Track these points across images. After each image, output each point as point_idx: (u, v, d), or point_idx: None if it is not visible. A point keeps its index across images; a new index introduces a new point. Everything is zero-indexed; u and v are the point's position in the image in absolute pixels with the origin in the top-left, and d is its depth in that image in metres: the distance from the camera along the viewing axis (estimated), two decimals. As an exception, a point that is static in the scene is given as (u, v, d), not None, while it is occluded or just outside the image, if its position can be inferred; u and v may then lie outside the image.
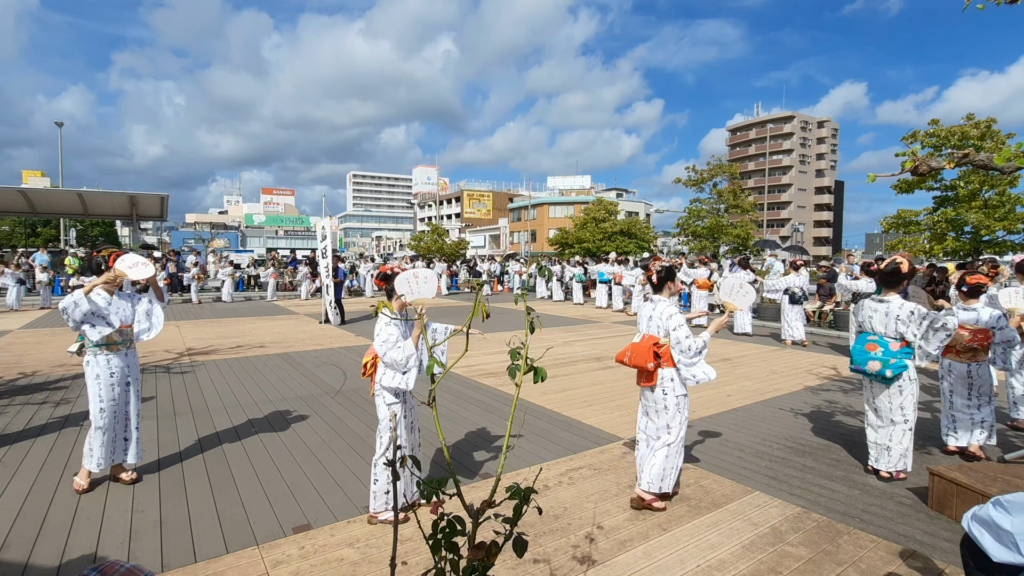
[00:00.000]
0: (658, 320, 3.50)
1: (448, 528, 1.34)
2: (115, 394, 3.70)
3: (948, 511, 3.37)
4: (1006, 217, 15.89)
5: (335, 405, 5.78)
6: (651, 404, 3.52)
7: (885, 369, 3.71)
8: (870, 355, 3.81)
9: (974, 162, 3.66)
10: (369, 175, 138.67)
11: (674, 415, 3.44)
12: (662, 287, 3.62)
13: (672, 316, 3.44)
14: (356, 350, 9.15)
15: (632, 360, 3.50)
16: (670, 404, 3.44)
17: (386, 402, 3.23)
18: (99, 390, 3.65)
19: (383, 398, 3.24)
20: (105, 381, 3.66)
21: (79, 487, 3.62)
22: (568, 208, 54.22)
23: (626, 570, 2.76)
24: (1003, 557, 1.57)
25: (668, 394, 3.44)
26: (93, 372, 3.65)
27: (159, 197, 21.34)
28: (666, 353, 3.44)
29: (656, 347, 3.43)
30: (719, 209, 27.21)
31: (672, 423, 3.45)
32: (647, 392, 3.54)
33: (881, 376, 3.76)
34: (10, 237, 36.98)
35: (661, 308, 3.52)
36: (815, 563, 2.84)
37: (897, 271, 3.85)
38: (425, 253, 28.61)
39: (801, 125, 76.25)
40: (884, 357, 3.74)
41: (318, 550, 2.93)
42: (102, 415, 3.64)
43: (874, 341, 3.84)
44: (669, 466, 3.41)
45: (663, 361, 3.43)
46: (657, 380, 3.45)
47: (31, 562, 2.80)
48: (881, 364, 3.73)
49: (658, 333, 3.49)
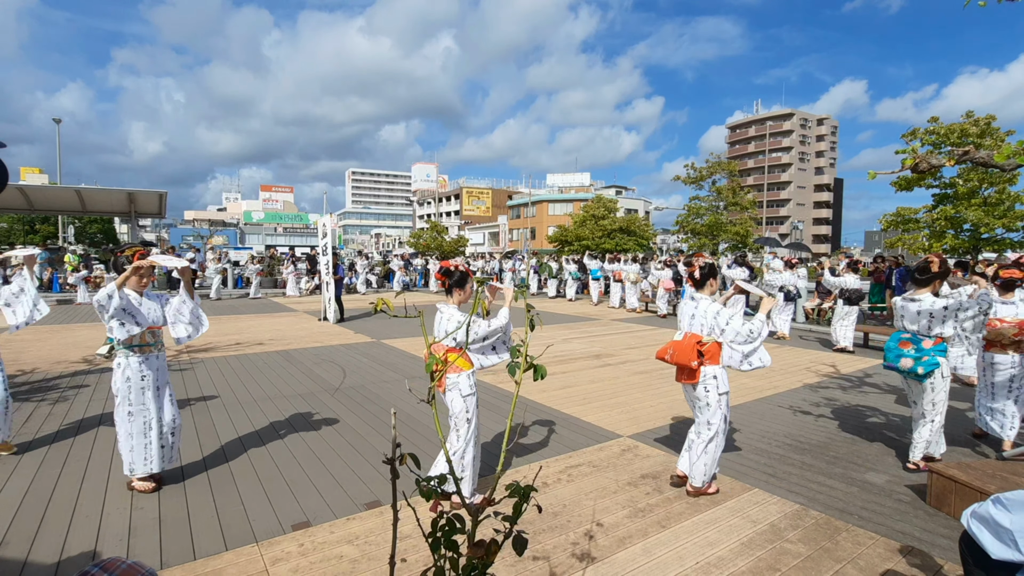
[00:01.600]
0: (701, 318, 3.56)
1: (448, 526, 1.34)
2: (144, 399, 3.58)
3: (947, 508, 3.38)
4: (1005, 215, 15.90)
5: (334, 402, 5.78)
6: (693, 401, 3.63)
7: (917, 366, 3.79)
8: (903, 352, 3.88)
9: (974, 159, 3.66)
10: (368, 172, 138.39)
11: (715, 411, 3.52)
12: (704, 284, 3.67)
13: (719, 313, 3.50)
14: (355, 348, 9.15)
15: (674, 357, 3.57)
16: (711, 401, 3.52)
17: (462, 394, 3.30)
18: (128, 393, 3.54)
19: (458, 390, 3.29)
20: (136, 384, 3.55)
21: (145, 488, 3.55)
22: (567, 205, 54.18)
23: (625, 567, 2.76)
24: (1002, 554, 1.58)
25: (710, 391, 3.52)
26: (123, 375, 3.53)
27: (158, 194, 21.28)
28: (708, 351, 3.51)
29: (699, 345, 3.50)
30: (718, 207, 27.21)
31: (713, 419, 3.53)
32: (688, 388, 3.65)
33: (914, 373, 3.83)
34: (8, 234, 36.90)
35: (704, 306, 3.57)
36: (814, 560, 2.84)
37: (927, 269, 3.92)
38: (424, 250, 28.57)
39: (801, 122, 76.21)
40: (916, 355, 3.82)
41: (317, 547, 2.93)
42: (130, 419, 3.53)
43: (907, 339, 3.92)
44: (709, 460, 3.54)
45: (706, 359, 3.51)
46: (699, 378, 3.52)
47: (30, 559, 2.80)
48: (914, 361, 3.81)
49: (701, 331, 3.56)
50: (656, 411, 5.54)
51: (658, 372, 7.30)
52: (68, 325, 11.59)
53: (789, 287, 10.85)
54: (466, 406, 3.31)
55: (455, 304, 3.47)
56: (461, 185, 76.72)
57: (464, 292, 3.51)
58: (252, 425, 5.01)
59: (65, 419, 5.12)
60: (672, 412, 5.50)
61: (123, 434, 3.56)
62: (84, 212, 23.23)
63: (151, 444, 3.60)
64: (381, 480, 3.79)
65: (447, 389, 3.33)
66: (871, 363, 8.11)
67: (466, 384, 3.31)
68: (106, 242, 40.98)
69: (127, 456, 3.55)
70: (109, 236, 43.66)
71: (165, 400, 3.73)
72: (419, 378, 6.90)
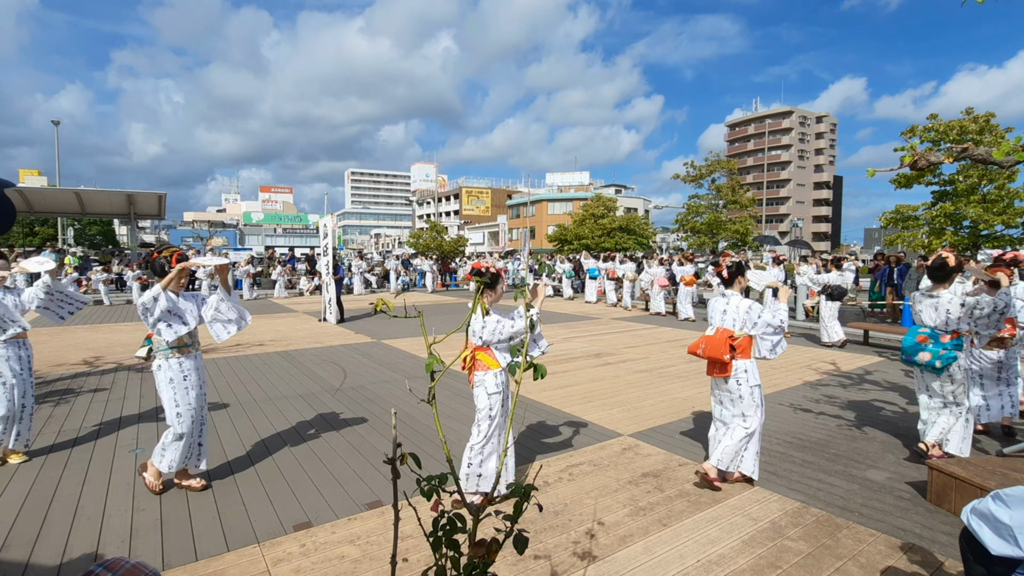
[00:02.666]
0: (733, 314, 3.69)
1: (449, 525, 1.35)
2: (191, 398, 3.58)
3: (947, 505, 3.38)
4: (1005, 211, 15.88)
5: (335, 403, 5.78)
6: (725, 394, 3.73)
7: (935, 360, 3.88)
8: (921, 347, 3.97)
9: (973, 156, 3.66)
10: (367, 172, 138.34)
11: (749, 403, 3.63)
12: (733, 281, 3.81)
13: (751, 307, 3.63)
14: (356, 348, 9.15)
15: (707, 352, 3.67)
16: (744, 393, 3.63)
17: (487, 392, 3.35)
18: (174, 394, 3.53)
19: (484, 388, 3.36)
20: (179, 384, 3.54)
21: (154, 487, 3.55)
22: (567, 205, 54.17)
23: (626, 566, 2.77)
24: (1002, 550, 1.58)
25: (742, 384, 3.63)
26: (166, 376, 3.52)
27: (157, 195, 21.28)
28: (740, 345, 3.62)
29: (731, 339, 3.61)
30: (718, 205, 27.22)
31: (748, 411, 3.64)
32: (720, 382, 3.74)
33: (931, 367, 3.92)
34: (8, 236, 36.89)
35: (735, 302, 3.71)
36: (814, 557, 2.85)
37: (944, 265, 3.99)
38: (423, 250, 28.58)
39: (800, 120, 76.17)
40: (934, 349, 3.90)
41: (319, 547, 2.93)
42: (179, 420, 3.52)
43: (925, 333, 4.01)
44: (741, 448, 3.63)
45: (738, 353, 3.62)
46: (732, 371, 3.63)
47: (32, 561, 2.80)
48: (931, 355, 3.90)
49: (732, 326, 3.67)
50: (657, 410, 5.54)
51: (658, 371, 7.31)
52: (69, 327, 11.60)
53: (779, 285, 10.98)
54: (489, 404, 3.37)
55: (486, 303, 3.52)
56: (460, 185, 76.68)
57: (495, 292, 3.56)
58: (253, 426, 5.01)
59: (66, 422, 5.12)
60: (673, 411, 5.51)
61: (172, 435, 3.53)
62: (83, 214, 23.23)
63: (193, 444, 3.63)
64: (382, 480, 3.79)
65: (474, 385, 3.41)
66: (871, 360, 8.12)
67: (492, 382, 3.37)
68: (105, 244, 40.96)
69: (170, 454, 3.52)
70: (109, 238, 43.65)
71: (203, 400, 3.75)
72: (419, 378, 6.90)
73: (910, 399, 5.98)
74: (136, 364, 7.70)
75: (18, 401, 4.08)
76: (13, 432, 4.09)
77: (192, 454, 3.65)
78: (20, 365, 4.14)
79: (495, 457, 3.42)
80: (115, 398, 5.95)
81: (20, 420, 4.11)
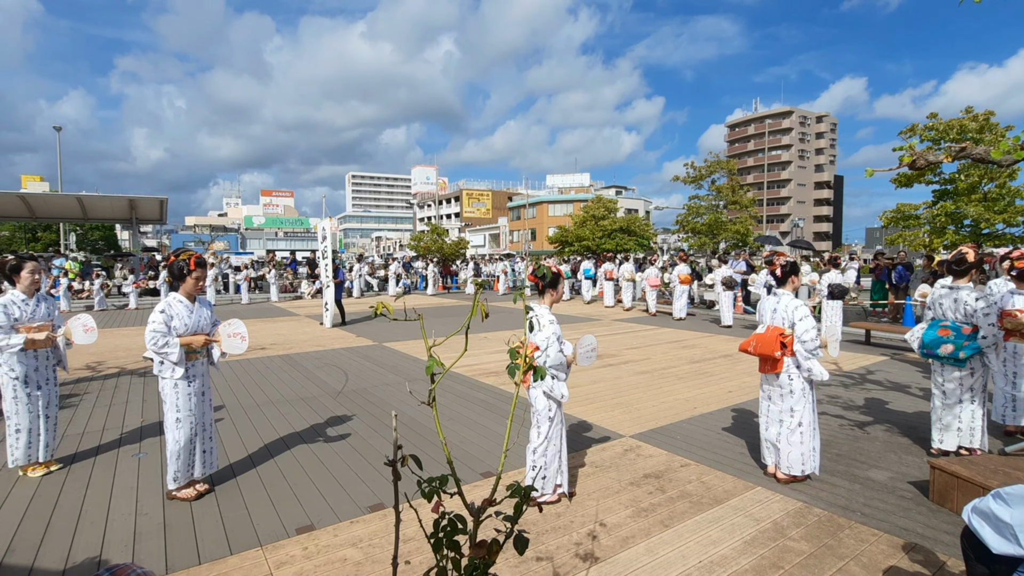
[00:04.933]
0: (783, 312, 3.79)
1: (450, 527, 1.35)
2: (192, 404, 3.57)
3: (949, 504, 3.38)
4: (1005, 210, 15.86)
5: (337, 406, 5.79)
6: (775, 389, 3.80)
7: (958, 352, 3.96)
8: (943, 339, 4.05)
9: (972, 155, 3.67)
10: (368, 175, 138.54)
11: (799, 399, 3.70)
12: (786, 281, 3.90)
13: (798, 308, 3.72)
14: (357, 351, 9.16)
15: (757, 349, 3.77)
16: (795, 388, 3.70)
17: (546, 393, 3.36)
18: (176, 400, 3.50)
19: (542, 389, 3.36)
20: (183, 391, 3.52)
21: (188, 496, 3.52)
22: (568, 206, 54.17)
23: (628, 567, 2.77)
24: (1003, 549, 1.58)
25: (794, 379, 3.70)
26: (172, 382, 3.50)
27: (158, 200, 21.34)
28: (791, 342, 3.70)
29: (782, 337, 3.70)
30: (718, 205, 27.21)
31: (796, 406, 3.70)
32: (771, 378, 3.81)
33: (954, 359, 4.00)
34: (10, 242, 36.98)
35: (786, 301, 3.80)
36: (817, 557, 2.84)
37: (963, 260, 4.09)
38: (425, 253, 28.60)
39: (800, 120, 76.16)
40: (956, 341, 3.98)
41: (321, 550, 2.94)
42: (178, 426, 3.50)
43: (946, 326, 4.10)
44: (806, 449, 3.68)
45: (788, 350, 3.70)
46: (783, 367, 3.71)
47: (36, 565, 2.81)
48: (954, 347, 3.97)
49: (782, 324, 3.77)
50: (658, 411, 5.54)
51: (660, 372, 7.31)
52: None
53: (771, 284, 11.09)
54: (548, 405, 3.38)
55: (547, 304, 3.53)
56: (461, 187, 76.75)
57: (556, 292, 3.57)
58: (255, 429, 5.02)
59: (69, 427, 5.13)
60: (674, 412, 5.51)
61: (171, 442, 3.51)
62: (85, 219, 23.30)
63: (195, 451, 3.61)
64: (384, 482, 3.79)
65: (531, 386, 3.40)
66: (873, 360, 8.11)
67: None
68: (107, 249, 41.05)
69: (172, 464, 3.50)
70: (111, 243, 43.73)
71: (207, 406, 3.74)
72: (420, 380, 6.90)
73: (912, 399, 5.97)
74: (139, 368, 7.72)
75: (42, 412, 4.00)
76: (41, 444, 4.00)
77: (196, 461, 3.62)
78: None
79: (557, 458, 3.44)
80: (118, 403, 5.96)
81: (47, 431, 4.02)
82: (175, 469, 3.50)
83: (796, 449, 3.68)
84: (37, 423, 3.96)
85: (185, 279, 3.61)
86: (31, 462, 3.94)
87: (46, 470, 4.02)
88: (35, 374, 3.97)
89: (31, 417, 3.93)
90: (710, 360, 8.06)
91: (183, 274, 3.61)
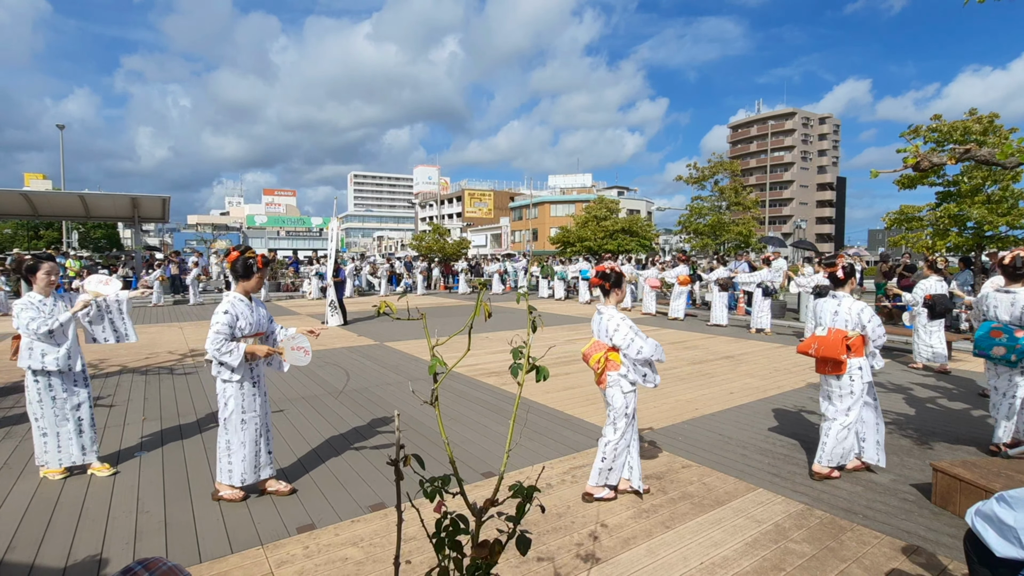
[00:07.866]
0: (845, 315, 3.84)
1: (452, 527, 1.35)
2: (257, 404, 3.53)
3: (951, 507, 3.37)
4: (1009, 212, 15.81)
5: (338, 405, 5.79)
6: (835, 390, 3.87)
7: (1010, 354, 4.01)
8: (995, 341, 4.11)
9: (975, 157, 3.65)
10: (370, 175, 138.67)
11: (857, 399, 3.79)
12: (846, 283, 3.96)
13: (864, 310, 3.80)
14: (358, 350, 9.17)
15: (820, 351, 3.83)
16: (856, 390, 3.79)
17: (623, 391, 3.42)
18: (242, 401, 3.44)
19: (619, 387, 3.42)
20: (248, 391, 3.48)
21: (235, 497, 3.48)
22: (570, 207, 54.16)
23: (629, 568, 2.76)
24: (1006, 552, 1.58)
25: (855, 381, 3.78)
26: (237, 384, 3.45)
27: (160, 199, 21.37)
28: (855, 344, 3.77)
29: (846, 339, 3.75)
30: (721, 206, 27.15)
31: (854, 406, 3.79)
32: (832, 380, 3.88)
33: (1006, 360, 4.05)
34: (12, 240, 37.07)
35: (848, 304, 3.86)
36: (818, 560, 2.84)
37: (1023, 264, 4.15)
38: (426, 253, 28.58)
39: (803, 121, 76.06)
40: (1009, 343, 4.03)
41: (322, 549, 2.94)
42: (244, 427, 3.44)
43: (998, 328, 4.16)
44: (848, 444, 3.80)
45: (852, 352, 3.77)
46: (846, 369, 3.78)
47: (37, 563, 2.82)
48: (1006, 350, 4.02)
49: (845, 327, 3.82)
50: (660, 412, 5.53)
51: (661, 373, 7.29)
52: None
53: (767, 283, 11.25)
54: (626, 402, 3.42)
55: (613, 304, 3.56)
56: (463, 187, 76.75)
57: (621, 291, 3.60)
58: (256, 428, 5.02)
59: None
60: (676, 413, 5.50)
61: (236, 443, 3.44)
62: (87, 218, 23.33)
63: (261, 451, 3.56)
64: (385, 482, 3.80)
65: (608, 385, 3.44)
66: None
67: (627, 381, 3.41)
68: (110, 247, 41.13)
69: (239, 466, 3.44)
70: (113, 241, 43.82)
71: (267, 405, 3.70)
72: (422, 380, 6.90)
73: (913, 401, 5.96)
74: (141, 367, 7.73)
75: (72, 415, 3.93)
76: (78, 446, 3.94)
77: (262, 463, 3.57)
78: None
79: (626, 452, 3.48)
80: (119, 401, 5.97)
81: (81, 433, 3.95)
82: (241, 471, 3.44)
83: (839, 445, 3.78)
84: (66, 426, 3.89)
85: (251, 277, 3.55)
86: (62, 465, 3.90)
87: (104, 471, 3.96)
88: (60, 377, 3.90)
89: (58, 420, 3.87)
90: (711, 361, 8.05)
91: (250, 271, 3.54)
